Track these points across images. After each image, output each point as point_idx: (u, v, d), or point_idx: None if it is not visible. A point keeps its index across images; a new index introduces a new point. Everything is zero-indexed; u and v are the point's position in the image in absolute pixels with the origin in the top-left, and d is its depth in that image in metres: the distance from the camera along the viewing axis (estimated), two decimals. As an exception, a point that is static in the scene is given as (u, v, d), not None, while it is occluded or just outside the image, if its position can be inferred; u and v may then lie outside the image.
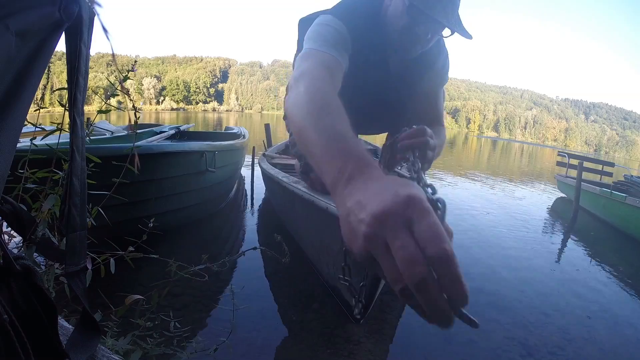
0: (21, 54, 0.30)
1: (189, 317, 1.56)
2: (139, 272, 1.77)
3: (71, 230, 0.42)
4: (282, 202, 2.67)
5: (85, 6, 0.37)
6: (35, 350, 0.31)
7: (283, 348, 1.48)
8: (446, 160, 10.28)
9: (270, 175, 2.59)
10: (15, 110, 0.30)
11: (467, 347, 1.56)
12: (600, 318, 1.94)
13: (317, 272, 2.09)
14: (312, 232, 2.02)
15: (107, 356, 0.49)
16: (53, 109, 1.62)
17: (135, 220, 1.26)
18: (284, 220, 2.82)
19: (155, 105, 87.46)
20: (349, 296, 1.68)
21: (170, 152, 2.11)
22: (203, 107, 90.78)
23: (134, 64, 1.06)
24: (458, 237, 3.11)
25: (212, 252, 1.34)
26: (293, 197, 2.09)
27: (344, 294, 1.73)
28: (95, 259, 0.89)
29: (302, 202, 1.92)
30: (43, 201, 0.79)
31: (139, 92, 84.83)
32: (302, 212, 2.10)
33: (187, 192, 2.41)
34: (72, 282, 0.43)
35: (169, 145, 2.37)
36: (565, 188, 5.62)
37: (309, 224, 2.04)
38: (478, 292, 2.10)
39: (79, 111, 0.40)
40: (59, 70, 1.86)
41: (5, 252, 0.32)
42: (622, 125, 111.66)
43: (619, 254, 3.37)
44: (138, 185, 1.91)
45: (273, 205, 3.38)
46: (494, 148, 22.34)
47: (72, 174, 0.41)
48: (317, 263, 2.03)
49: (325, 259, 1.85)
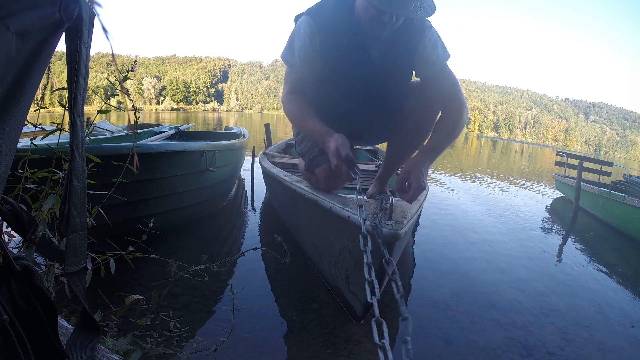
0: (21, 54, 0.30)
1: (188, 317, 1.56)
2: (139, 272, 1.77)
3: (71, 230, 0.42)
4: (284, 202, 2.66)
5: (85, 6, 0.37)
6: (35, 350, 0.31)
7: (283, 348, 1.48)
8: (446, 159, 10.28)
9: (272, 174, 2.58)
10: (16, 110, 0.30)
11: (467, 347, 1.56)
12: (600, 318, 1.94)
13: (318, 272, 2.09)
14: (314, 232, 2.01)
15: (107, 356, 0.49)
16: (53, 109, 1.62)
17: (135, 220, 1.27)
18: (285, 219, 2.81)
19: (155, 105, 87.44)
20: (351, 296, 1.68)
21: (170, 152, 2.11)
22: (203, 107, 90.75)
23: (134, 64, 1.06)
24: (456, 238, 3.11)
25: (212, 252, 1.34)
26: (295, 196, 2.09)
27: (345, 294, 1.73)
28: (95, 258, 0.89)
29: (305, 201, 1.92)
30: (43, 201, 0.79)
31: (139, 92, 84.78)
32: (304, 212, 2.10)
33: (187, 191, 2.41)
34: (72, 283, 0.43)
35: (169, 144, 2.36)
36: (564, 188, 5.61)
37: (310, 223, 2.04)
38: (478, 292, 2.10)
39: (79, 112, 0.40)
40: (59, 70, 1.85)
41: (5, 252, 0.32)
42: (622, 125, 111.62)
43: (619, 254, 3.37)
44: (138, 184, 1.91)
45: (274, 205, 3.36)
46: (493, 148, 22.34)
47: (72, 174, 0.42)
48: (319, 263, 2.02)
49: (327, 258, 1.84)
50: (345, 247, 1.62)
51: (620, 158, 57.85)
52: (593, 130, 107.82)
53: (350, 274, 1.66)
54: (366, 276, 0.98)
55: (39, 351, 0.32)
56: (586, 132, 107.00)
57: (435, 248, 2.80)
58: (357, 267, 1.56)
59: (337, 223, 1.62)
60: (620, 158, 57.85)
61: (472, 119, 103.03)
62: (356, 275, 1.60)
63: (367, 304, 1.56)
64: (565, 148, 75.82)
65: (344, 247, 1.65)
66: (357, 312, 1.67)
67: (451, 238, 3.08)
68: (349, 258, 1.62)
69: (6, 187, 0.33)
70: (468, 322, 1.77)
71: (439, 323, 1.74)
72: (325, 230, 1.81)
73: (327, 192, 1.75)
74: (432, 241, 2.96)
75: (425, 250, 2.72)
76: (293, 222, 2.48)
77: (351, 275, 1.65)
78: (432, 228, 3.31)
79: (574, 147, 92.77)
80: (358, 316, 1.68)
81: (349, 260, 1.63)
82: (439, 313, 1.82)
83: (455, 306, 1.91)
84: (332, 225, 1.69)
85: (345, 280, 1.70)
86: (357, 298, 1.64)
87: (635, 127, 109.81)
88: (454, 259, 2.61)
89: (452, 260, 2.57)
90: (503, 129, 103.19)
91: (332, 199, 1.65)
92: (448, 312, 1.85)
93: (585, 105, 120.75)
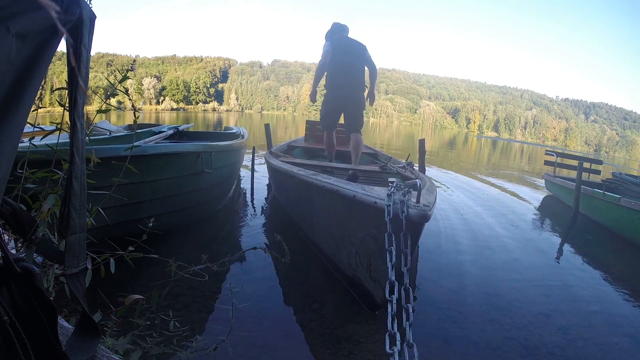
0: (22, 56, 0.30)
1: (189, 317, 1.56)
2: (139, 272, 1.77)
3: (71, 232, 0.42)
4: (295, 196, 2.68)
5: (86, 8, 0.37)
6: (36, 351, 0.31)
7: (283, 348, 1.48)
8: (447, 159, 10.27)
9: (285, 170, 2.62)
10: (16, 112, 0.30)
11: (467, 347, 1.56)
12: (600, 318, 1.95)
13: (331, 264, 2.14)
14: (332, 223, 2.06)
15: (107, 356, 0.49)
16: (53, 109, 1.62)
17: (131, 222, 1.26)
18: (295, 215, 2.84)
19: (155, 105, 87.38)
20: (371, 283, 1.73)
21: (165, 154, 2.08)
22: (203, 107, 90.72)
23: (133, 64, 1.06)
24: (456, 239, 3.11)
25: (212, 253, 1.34)
26: (311, 189, 2.17)
27: (365, 281, 1.78)
28: (95, 258, 0.89)
29: (323, 192, 2.02)
30: (43, 201, 0.79)
31: (139, 92, 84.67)
32: (320, 203, 2.16)
33: (182, 193, 2.37)
34: (71, 284, 0.43)
35: (163, 146, 2.34)
36: (554, 188, 5.54)
37: (328, 214, 2.09)
38: (478, 292, 2.10)
39: (79, 113, 0.40)
40: (59, 70, 1.85)
41: (5, 253, 0.32)
42: (622, 125, 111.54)
43: (617, 255, 3.37)
44: (132, 186, 1.89)
45: (281, 202, 3.38)
46: (493, 148, 22.34)
47: (72, 176, 0.42)
48: (335, 254, 2.07)
49: (346, 248, 1.89)
50: (369, 233, 1.68)
51: (620, 158, 57.81)
52: (593, 130, 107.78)
53: (372, 261, 1.71)
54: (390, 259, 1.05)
55: (39, 352, 0.32)
56: (586, 132, 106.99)
57: (435, 248, 2.80)
58: (381, 252, 1.59)
59: (362, 210, 1.69)
60: (620, 158, 57.81)
61: (472, 119, 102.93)
62: (379, 260, 1.65)
63: (391, 285, 1.59)
64: (565, 148, 75.75)
65: (367, 234, 1.70)
66: (377, 300, 1.72)
67: (451, 238, 3.08)
68: (373, 244, 1.68)
69: (6, 187, 0.33)
70: (468, 322, 1.77)
71: (439, 323, 1.74)
72: (346, 220, 1.87)
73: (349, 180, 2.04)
74: (432, 241, 2.96)
75: (425, 251, 2.72)
76: (307, 216, 2.52)
77: (374, 261, 1.70)
78: (432, 228, 3.31)
79: (574, 147, 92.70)
80: (377, 304, 1.74)
81: (372, 246, 1.69)
82: (439, 313, 1.82)
83: (455, 306, 1.91)
84: (356, 213, 1.76)
85: (366, 267, 1.76)
86: (379, 284, 1.68)
87: (635, 127, 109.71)
88: (453, 259, 2.61)
89: (452, 261, 2.57)
90: (503, 129, 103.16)
91: (355, 187, 1.75)
92: (448, 312, 1.85)
93: (585, 105, 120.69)
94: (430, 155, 10.68)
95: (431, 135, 35.83)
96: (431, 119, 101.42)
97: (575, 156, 5.64)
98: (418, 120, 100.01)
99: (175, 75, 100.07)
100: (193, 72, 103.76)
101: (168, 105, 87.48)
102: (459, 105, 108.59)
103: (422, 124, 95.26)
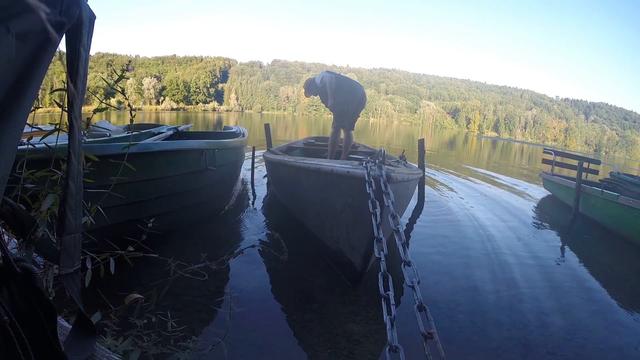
0: (22, 56, 0.30)
1: (188, 317, 1.56)
2: (138, 272, 1.77)
3: (66, 232, 0.42)
4: (288, 184, 2.89)
5: (86, 8, 0.37)
6: (35, 351, 0.31)
7: (283, 348, 1.48)
8: (447, 159, 10.27)
9: (278, 160, 2.85)
10: (17, 112, 0.30)
11: (467, 347, 1.56)
12: (600, 318, 1.94)
13: (319, 241, 2.31)
14: (317, 200, 2.23)
15: (107, 356, 0.49)
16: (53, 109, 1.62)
17: (135, 222, 1.25)
18: (289, 204, 3.04)
19: (155, 105, 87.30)
20: (350, 251, 1.89)
21: (168, 151, 2.08)
22: (203, 107, 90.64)
23: (128, 64, 1.06)
24: (455, 239, 3.11)
25: (212, 252, 1.34)
26: (298, 172, 2.40)
27: (346, 251, 1.93)
28: (95, 258, 0.89)
29: (308, 173, 2.23)
30: (42, 201, 0.79)
31: (138, 92, 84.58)
32: (307, 184, 2.35)
33: (187, 191, 2.38)
34: (66, 284, 0.43)
35: (167, 143, 2.34)
36: (552, 186, 5.53)
37: (314, 193, 2.27)
38: (478, 292, 2.10)
39: (77, 114, 0.40)
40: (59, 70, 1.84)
41: (5, 254, 0.32)
42: (622, 125, 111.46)
43: (616, 254, 3.37)
44: (136, 185, 1.89)
45: (277, 194, 3.51)
46: (493, 148, 22.33)
47: (69, 177, 0.42)
48: (321, 231, 2.24)
49: (329, 222, 2.06)
50: (346, 203, 1.85)
51: (620, 158, 57.81)
52: (593, 130, 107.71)
53: (350, 229, 1.88)
54: (370, 209, 1.15)
55: (38, 352, 0.32)
56: (586, 132, 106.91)
57: (434, 248, 2.80)
58: (357, 219, 1.79)
59: (339, 182, 1.87)
60: (620, 158, 57.81)
61: (472, 119, 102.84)
62: (356, 228, 1.83)
63: (367, 253, 1.78)
64: (565, 148, 75.69)
65: (344, 204, 1.86)
66: (357, 267, 1.87)
67: (450, 238, 3.08)
68: (349, 213, 1.85)
69: (6, 187, 0.33)
70: (468, 322, 1.77)
71: (439, 323, 1.74)
72: (327, 195, 2.03)
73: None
74: (431, 241, 2.96)
75: (425, 251, 2.72)
76: (297, 202, 2.71)
77: (351, 229, 1.87)
78: (432, 228, 3.31)
79: (574, 147, 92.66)
80: (357, 272, 1.88)
81: (349, 215, 1.86)
82: (439, 313, 1.82)
83: (455, 306, 1.91)
84: (334, 185, 1.93)
85: (346, 237, 1.92)
86: (358, 251, 1.83)
87: (635, 127, 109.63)
88: (453, 259, 2.61)
89: (451, 260, 2.57)
90: (503, 129, 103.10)
91: (333, 163, 1.96)
92: (448, 312, 1.85)
93: (585, 105, 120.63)
94: (430, 155, 10.68)
95: (431, 135, 35.81)
96: (431, 119, 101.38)
97: (575, 156, 5.63)
98: (418, 120, 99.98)
99: (175, 75, 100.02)
100: (193, 72, 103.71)
101: (168, 105, 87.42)
102: (459, 105, 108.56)
103: (422, 124, 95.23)
